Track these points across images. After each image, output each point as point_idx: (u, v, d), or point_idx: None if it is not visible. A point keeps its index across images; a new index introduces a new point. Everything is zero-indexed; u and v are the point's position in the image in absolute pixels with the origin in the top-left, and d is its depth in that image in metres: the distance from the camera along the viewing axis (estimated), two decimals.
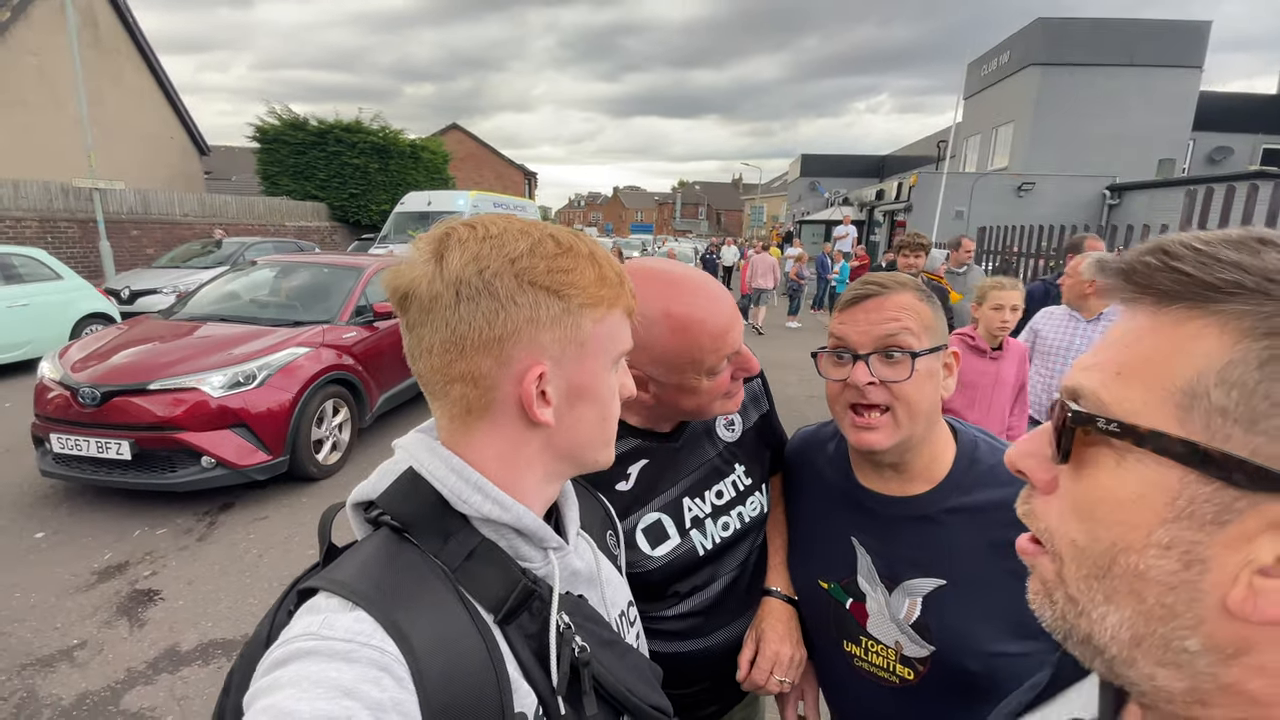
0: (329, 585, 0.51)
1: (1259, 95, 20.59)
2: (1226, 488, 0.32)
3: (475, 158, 33.69)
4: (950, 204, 15.33)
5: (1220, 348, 0.33)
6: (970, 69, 21.72)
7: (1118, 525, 0.36)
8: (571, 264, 0.57)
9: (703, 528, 1.01)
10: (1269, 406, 0.31)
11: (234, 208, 15.62)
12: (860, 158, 36.20)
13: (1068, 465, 0.39)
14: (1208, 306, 0.34)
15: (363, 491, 0.60)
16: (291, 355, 4.29)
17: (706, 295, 0.89)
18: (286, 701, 0.42)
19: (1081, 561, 0.38)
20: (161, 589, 3.08)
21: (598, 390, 0.60)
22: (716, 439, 1.07)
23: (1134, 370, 0.36)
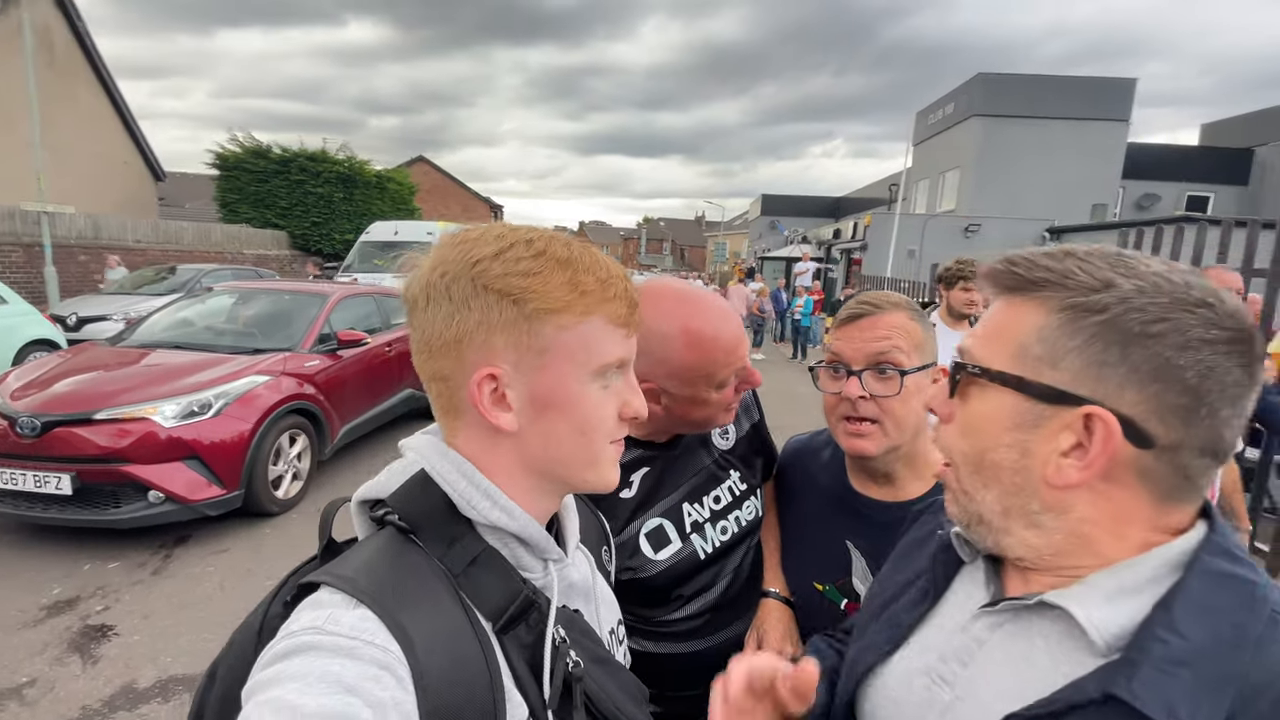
0: (334, 581, 0.50)
1: (1182, 146, 22.29)
2: (1039, 403, 0.53)
3: (441, 190, 33.67)
4: (903, 243, 16.04)
5: (1038, 318, 0.53)
6: (919, 118, 22.96)
7: (983, 434, 0.56)
8: (537, 268, 0.55)
9: (703, 532, 1.05)
10: (1063, 352, 0.51)
11: (190, 234, 15.23)
12: (817, 198, 37.55)
13: (957, 400, 0.59)
14: (1030, 293, 0.54)
15: (371, 490, 0.60)
16: (250, 384, 4.10)
17: (720, 313, 0.95)
18: (289, 695, 0.42)
19: (966, 463, 0.58)
20: (115, 624, 2.95)
21: (569, 402, 0.58)
22: (712, 447, 1.11)
23: (992, 336, 0.57)
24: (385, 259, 13.26)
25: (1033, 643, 0.56)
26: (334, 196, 18.74)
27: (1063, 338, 0.51)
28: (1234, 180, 19.99)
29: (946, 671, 0.61)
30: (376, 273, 12.73)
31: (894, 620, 0.69)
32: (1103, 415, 0.50)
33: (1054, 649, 0.54)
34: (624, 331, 0.60)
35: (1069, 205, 17.96)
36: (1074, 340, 0.51)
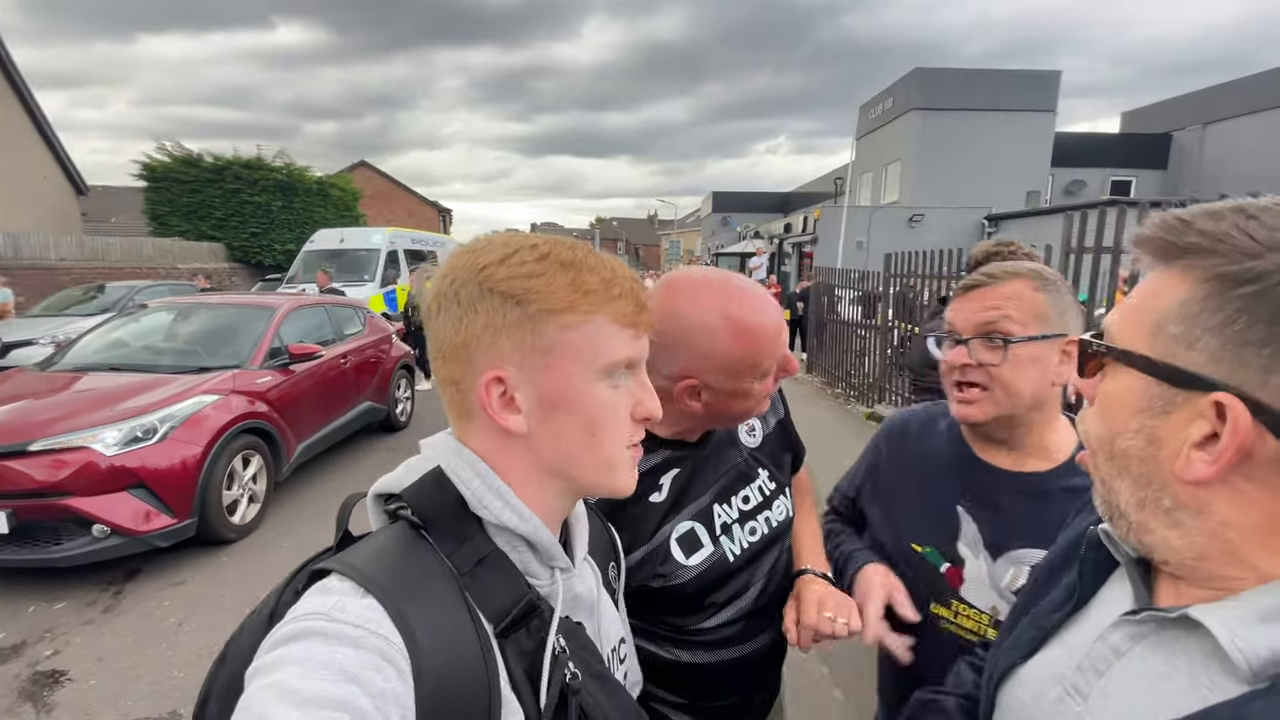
0: (344, 568, 0.51)
1: (1105, 134, 23.50)
2: (1169, 387, 0.47)
3: (385, 194, 32.82)
4: (851, 235, 16.44)
5: (1183, 290, 0.47)
6: (861, 112, 23.60)
7: (1114, 417, 0.52)
8: (541, 270, 0.57)
9: (730, 534, 1.01)
10: (1202, 331, 0.45)
11: (118, 250, 14.43)
12: (766, 194, 38.14)
13: (1099, 379, 0.54)
14: (1180, 260, 0.47)
15: (386, 483, 0.61)
16: (198, 404, 3.87)
17: (759, 297, 0.91)
18: (290, 679, 0.43)
19: (1101, 448, 0.53)
20: (68, 669, 2.76)
21: (576, 401, 0.58)
22: (740, 445, 1.08)
23: (1134, 310, 0.51)
24: (332, 268, 12.87)
25: (1174, 660, 0.50)
26: (273, 205, 18.04)
27: (1204, 313, 0.45)
28: (1154, 164, 21.22)
29: (1081, 682, 0.57)
30: None
31: (1038, 621, 0.66)
32: (1231, 403, 0.43)
33: (1196, 669, 0.48)
34: (631, 331, 0.60)
35: (1005, 192, 18.75)
36: (1216, 316, 0.44)
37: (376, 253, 12.95)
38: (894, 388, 7.66)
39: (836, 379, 9.25)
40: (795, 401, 1.36)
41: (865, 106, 23.38)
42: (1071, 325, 0.98)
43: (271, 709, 0.41)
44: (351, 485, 4.75)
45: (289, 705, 0.41)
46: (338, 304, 6.26)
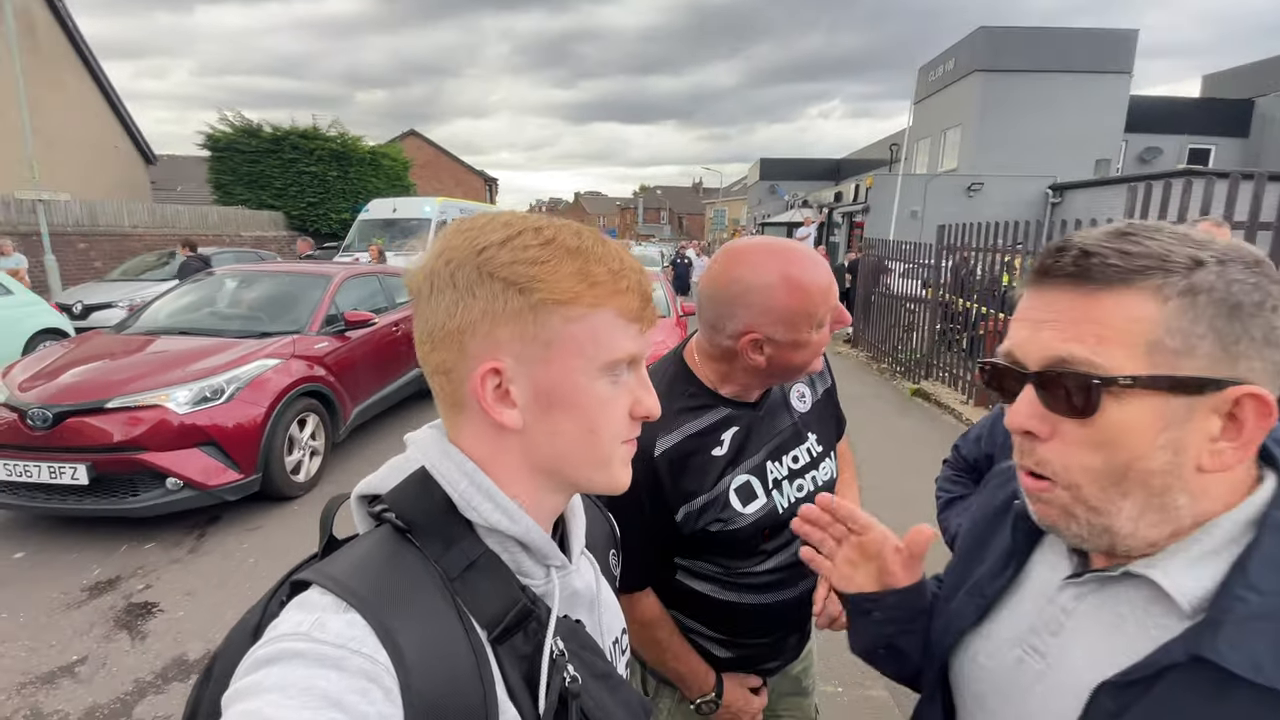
0: (324, 581, 0.48)
1: (1184, 98, 21.87)
2: (1187, 397, 0.51)
3: (434, 164, 33.27)
4: (905, 204, 15.90)
5: (1152, 308, 0.51)
6: (920, 74, 22.51)
7: (1130, 445, 0.53)
8: (545, 256, 0.53)
9: (781, 489, 1.12)
10: (1196, 340, 0.50)
11: (186, 218, 15.13)
12: (817, 161, 37.03)
13: (1067, 417, 0.54)
14: (1131, 283, 0.52)
15: (369, 485, 0.58)
16: (261, 367, 4.08)
17: (811, 259, 1.03)
18: (268, 709, 0.40)
19: (1098, 480, 0.54)
20: (159, 601, 3.06)
21: (576, 398, 0.55)
22: (792, 409, 1.18)
23: (1110, 338, 0.52)
24: (384, 237, 13.25)
25: (1119, 610, 0.58)
26: (328, 175, 18.54)
27: (1188, 324, 0.50)
28: (1235, 132, 19.72)
29: (1038, 642, 0.62)
30: None
31: (978, 590, 0.70)
32: (1258, 393, 0.50)
33: (1141, 615, 0.56)
34: (636, 326, 0.57)
35: (1072, 161, 17.74)
36: (1199, 325, 0.50)
37: (428, 222, 13.25)
38: (941, 364, 7.51)
39: (883, 353, 9.11)
40: (840, 375, 1.41)
41: (925, 68, 22.31)
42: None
43: None
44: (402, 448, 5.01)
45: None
46: (390, 273, 6.39)
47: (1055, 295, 0.55)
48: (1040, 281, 0.56)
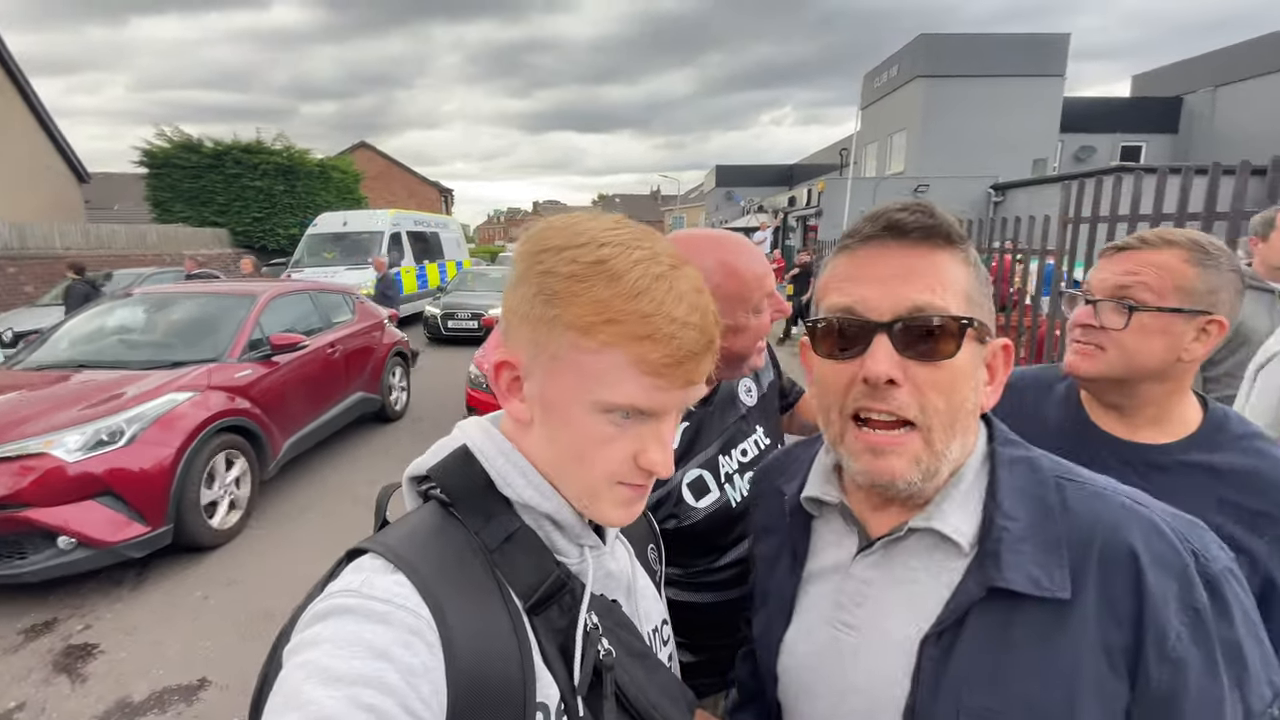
0: (375, 546, 0.52)
1: (1116, 98, 23.04)
2: (981, 345, 0.62)
3: (386, 176, 32.67)
4: (856, 207, 16.30)
5: (965, 270, 0.62)
6: (865, 81, 23.22)
7: (963, 386, 0.60)
8: (584, 274, 0.52)
9: (733, 482, 1.13)
10: (981, 299, 0.62)
11: (123, 237, 14.49)
12: (770, 167, 37.73)
13: (919, 361, 0.59)
14: (956, 245, 0.62)
15: (418, 465, 0.62)
16: (170, 403, 3.58)
17: (746, 247, 1.08)
18: (321, 657, 0.44)
19: (944, 421, 0.60)
20: (99, 642, 2.89)
21: (568, 420, 0.55)
22: (739, 403, 1.20)
23: (945, 288, 0.60)
24: (335, 252, 12.90)
25: (910, 564, 0.64)
26: (275, 189, 18.04)
27: (978, 284, 0.63)
28: (1165, 129, 20.84)
29: (847, 617, 0.66)
30: (327, 266, 12.41)
31: (779, 593, 0.74)
32: (1008, 344, 0.66)
33: (929, 564, 0.63)
34: (653, 381, 0.52)
35: (1012, 161, 18.48)
36: (981, 286, 0.64)
37: (380, 235, 12.97)
38: None
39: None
40: (794, 376, 1.42)
41: (870, 75, 22.99)
42: (1222, 306, 0.94)
43: (303, 687, 0.42)
44: (346, 478, 4.84)
45: (319, 683, 0.42)
46: (325, 290, 5.94)
47: (896, 253, 0.61)
48: (882, 240, 0.62)
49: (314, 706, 0.41)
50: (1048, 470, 0.63)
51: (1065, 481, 0.62)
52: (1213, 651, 0.53)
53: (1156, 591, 0.54)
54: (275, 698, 0.43)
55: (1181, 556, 0.55)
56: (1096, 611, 0.55)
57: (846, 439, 0.63)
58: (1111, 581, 0.55)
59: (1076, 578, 0.56)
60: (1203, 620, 0.54)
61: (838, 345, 0.62)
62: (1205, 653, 0.53)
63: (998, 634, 0.57)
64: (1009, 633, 0.57)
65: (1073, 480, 0.62)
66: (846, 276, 0.63)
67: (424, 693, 0.45)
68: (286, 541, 3.85)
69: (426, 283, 14.04)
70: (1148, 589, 0.54)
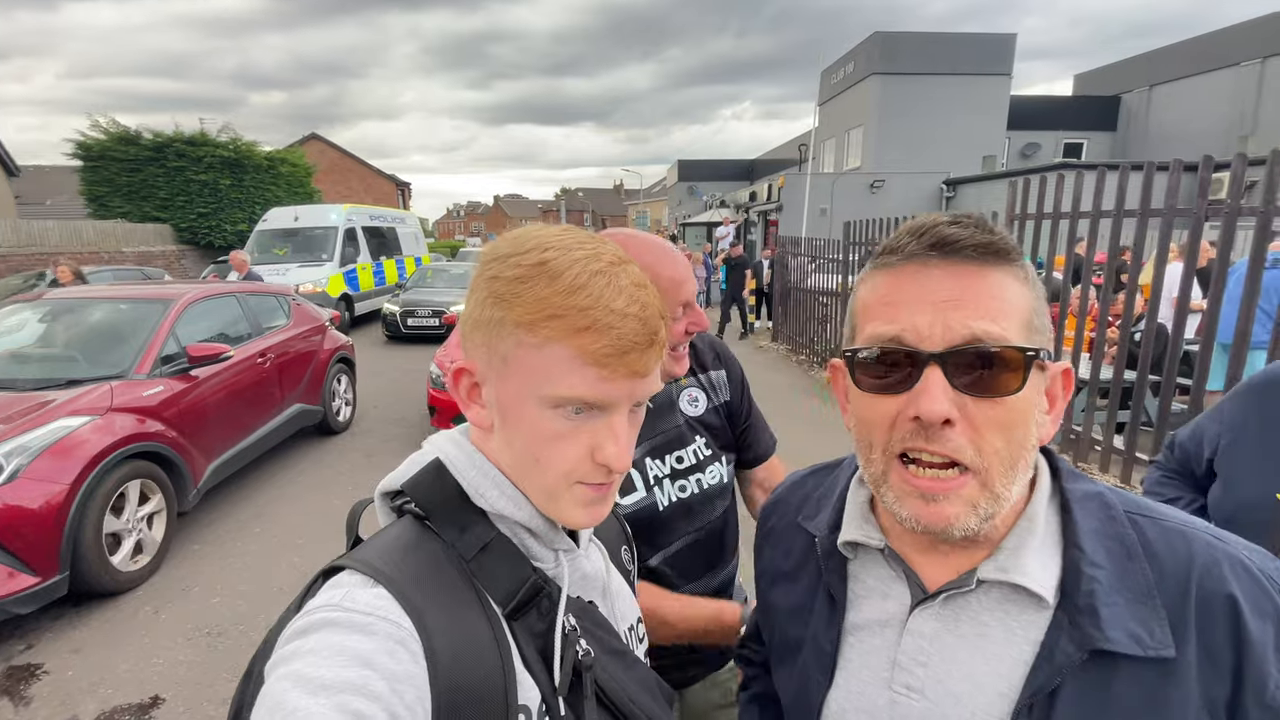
0: (353, 563, 0.52)
1: (1059, 97, 23.97)
2: (1042, 373, 0.55)
3: (340, 168, 31.75)
4: (815, 203, 16.58)
5: (1025, 290, 0.55)
6: (823, 77, 23.56)
7: (1026, 422, 0.54)
8: (526, 275, 0.54)
9: (661, 486, 1.13)
10: (1040, 320, 0.55)
11: (56, 234, 13.72)
12: (732, 162, 37.98)
13: (977, 397, 0.52)
14: (1014, 262, 0.54)
15: (390, 480, 0.62)
16: (63, 430, 3.09)
17: (665, 251, 1.06)
18: (305, 668, 0.44)
19: (1003, 463, 0.53)
20: (43, 662, 2.76)
21: (522, 421, 0.56)
22: (680, 411, 1.19)
23: (1005, 313, 0.53)
24: (287, 248, 12.47)
25: (981, 619, 0.57)
26: (221, 184, 17.30)
27: (1038, 305, 0.55)
28: (1104, 126, 21.79)
29: (909, 679, 0.59)
30: (278, 264, 11.98)
31: (817, 647, 0.66)
32: (1068, 368, 0.57)
33: (1002, 617, 0.56)
34: (598, 371, 0.53)
35: (962, 157, 19.07)
36: (1041, 306, 0.55)
37: (334, 231, 12.57)
38: None
39: (800, 346, 9.45)
40: (759, 368, 1.43)
41: (827, 72, 23.36)
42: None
43: (288, 696, 0.43)
44: (285, 491, 4.68)
45: (305, 692, 0.43)
46: (256, 292, 5.37)
47: (945, 274, 0.53)
48: (928, 259, 0.54)
49: (301, 714, 0.42)
50: (1119, 506, 0.57)
51: (1140, 518, 0.56)
52: None
53: (1258, 640, 0.50)
54: (259, 710, 0.43)
55: (1274, 599, 0.51)
56: (1199, 667, 0.50)
57: (892, 480, 0.56)
58: (1212, 632, 0.50)
59: (1176, 630, 0.50)
60: None
61: (883, 377, 0.55)
62: None
63: (1096, 698, 0.51)
64: (1109, 697, 0.51)
65: (1147, 516, 0.56)
66: (890, 300, 0.56)
67: (409, 699, 0.46)
68: (232, 555, 3.72)
69: (384, 279, 13.72)
70: (1249, 638, 0.50)
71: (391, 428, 6.06)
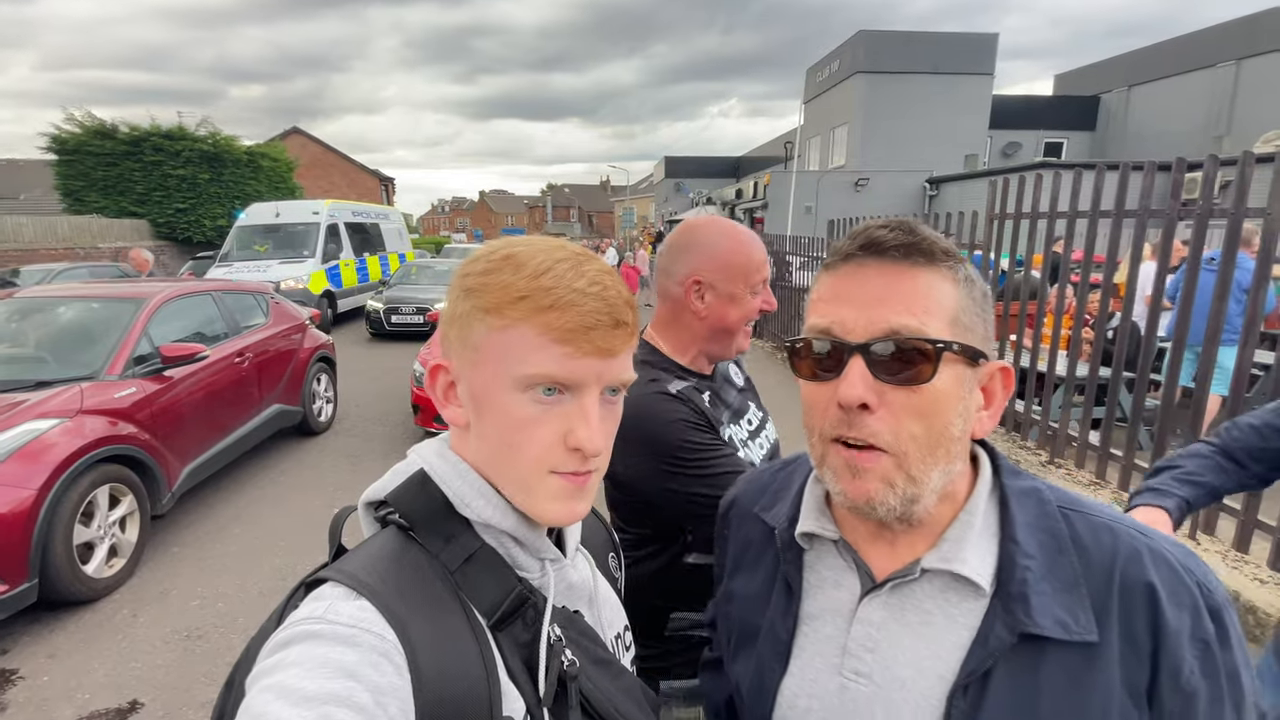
0: (336, 575, 0.52)
1: (1040, 96, 24.23)
2: (972, 369, 0.58)
3: (322, 163, 31.36)
4: (800, 200, 16.66)
5: (949, 287, 0.58)
6: (809, 75, 23.68)
7: (945, 412, 0.57)
8: (493, 267, 0.57)
9: (748, 447, 1.22)
10: (973, 319, 0.58)
11: (30, 230, 13.44)
12: (718, 159, 38.09)
13: (895, 385, 0.56)
14: (938, 264, 0.58)
15: (374, 491, 0.62)
16: (30, 433, 3.01)
17: (748, 236, 1.18)
18: (289, 679, 0.44)
19: (921, 448, 0.57)
20: (18, 667, 2.72)
21: (493, 407, 0.57)
22: (734, 382, 1.31)
23: (926, 309, 0.57)
24: (267, 244, 12.30)
25: (924, 607, 0.60)
26: (199, 178, 17.02)
27: (969, 304, 0.58)
28: (1084, 126, 22.10)
29: (858, 665, 0.62)
30: (259, 260, 11.82)
31: (773, 634, 0.69)
32: (1007, 367, 0.61)
33: (944, 605, 0.60)
34: (563, 349, 0.55)
35: (945, 156, 19.26)
36: (974, 306, 0.59)
37: (316, 227, 12.43)
38: None
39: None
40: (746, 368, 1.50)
41: (812, 69, 23.48)
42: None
43: (271, 708, 0.42)
44: (266, 491, 4.66)
45: (288, 704, 0.42)
46: (233, 290, 5.28)
47: (875, 273, 0.58)
48: (861, 259, 0.59)
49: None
50: (1053, 502, 0.61)
51: (1072, 513, 0.60)
52: (1219, 680, 0.55)
53: (1174, 627, 0.54)
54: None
55: (1191, 591, 0.55)
56: (1121, 652, 0.54)
57: (828, 460, 0.60)
58: (1132, 619, 0.55)
59: (1100, 617, 0.55)
60: (1211, 652, 0.55)
61: (818, 366, 0.60)
62: (1213, 683, 0.55)
63: (1027, 681, 0.55)
64: (1038, 679, 0.55)
65: (1078, 511, 0.61)
66: (827, 296, 0.61)
67: (393, 712, 0.45)
68: (211, 557, 3.68)
69: (367, 276, 13.60)
70: (1165, 625, 0.54)
71: (374, 426, 6.02)
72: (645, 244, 23.84)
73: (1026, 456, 4.49)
